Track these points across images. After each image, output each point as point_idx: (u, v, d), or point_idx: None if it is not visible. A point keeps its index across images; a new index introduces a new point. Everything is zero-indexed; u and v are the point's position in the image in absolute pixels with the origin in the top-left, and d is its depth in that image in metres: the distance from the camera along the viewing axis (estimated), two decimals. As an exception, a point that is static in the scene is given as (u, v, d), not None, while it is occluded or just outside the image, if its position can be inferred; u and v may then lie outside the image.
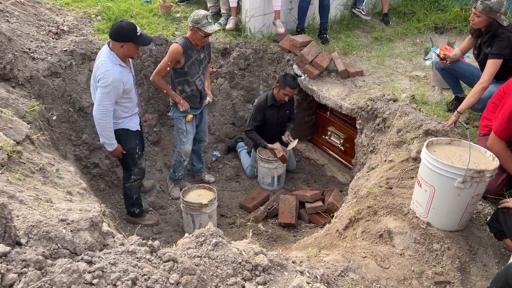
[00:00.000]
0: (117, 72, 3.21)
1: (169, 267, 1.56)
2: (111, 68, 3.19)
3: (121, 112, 3.45)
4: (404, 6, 6.71)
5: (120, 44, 3.20)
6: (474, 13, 3.25)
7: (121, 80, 3.24)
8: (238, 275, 1.72)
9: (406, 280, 2.12)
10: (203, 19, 3.69)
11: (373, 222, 2.56)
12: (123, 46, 3.21)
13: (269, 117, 4.63)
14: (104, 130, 3.35)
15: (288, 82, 4.39)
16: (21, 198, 1.87)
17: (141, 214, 4.05)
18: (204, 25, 3.69)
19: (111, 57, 3.22)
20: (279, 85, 4.43)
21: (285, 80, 4.40)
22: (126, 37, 3.19)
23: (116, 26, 3.21)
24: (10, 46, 3.59)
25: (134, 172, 3.77)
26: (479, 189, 2.31)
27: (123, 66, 3.30)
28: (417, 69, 4.98)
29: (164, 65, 3.85)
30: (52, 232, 1.37)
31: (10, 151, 2.35)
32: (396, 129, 3.57)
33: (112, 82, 3.18)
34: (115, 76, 3.19)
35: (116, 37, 3.20)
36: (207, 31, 3.71)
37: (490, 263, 2.37)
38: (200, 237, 1.83)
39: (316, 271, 1.88)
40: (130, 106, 3.51)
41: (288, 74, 4.57)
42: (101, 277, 1.35)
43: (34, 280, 1.14)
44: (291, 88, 4.42)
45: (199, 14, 3.71)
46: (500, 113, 2.65)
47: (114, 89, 3.22)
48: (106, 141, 3.41)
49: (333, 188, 4.45)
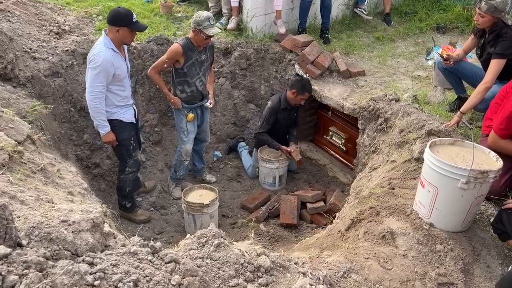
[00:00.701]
0: (108, 55, 3.28)
1: (171, 268, 1.54)
2: (104, 50, 3.27)
3: (114, 100, 3.51)
4: (405, 6, 6.69)
5: (116, 28, 3.28)
6: (478, 13, 3.22)
7: (112, 62, 3.30)
8: (240, 276, 1.71)
9: (409, 282, 2.11)
10: (205, 21, 3.68)
11: (375, 223, 2.54)
12: (118, 30, 3.28)
13: (280, 120, 4.64)
14: (95, 112, 3.41)
15: (306, 88, 4.40)
16: (22, 199, 1.87)
17: (132, 209, 4.06)
18: (206, 27, 3.69)
19: (105, 41, 3.31)
20: (297, 90, 4.41)
21: (303, 85, 4.40)
22: (122, 22, 3.26)
23: (113, 11, 3.31)
24: (11, 46, 3.59)
25: (129, 164, 3.81)
26: (483, 189, 2.29)
27: (116, 52, 3.36)
28: (419, 69, 4.96)
29: (161, 61, 3.90)
30: (53, 233, 1.36)
31: (11, 151, 2.34)
32: (398, 129, 3.55)
33: (102, 63, 3.23)
34: (106, 57, 3.25)
35: (112, 22, 3.28)
36: (208, 33, 3.71)
37: (493, 264, 2.35)
38: (202, 238, 1.82)
39: (319, 273, 1.87)
40: (123, 95, 3.56)
41: (304, 79, 4.53)
42: (102, 279, 1.34)
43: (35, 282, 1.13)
44: (309, 93, 4.45)
45: (202, 16, 3.71)
46: (501, 113, 2.64)
47: (103, 71, 3.27)
48: (98, 123, 3.47)
49: (335, 189, 4.43)
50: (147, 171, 4.70)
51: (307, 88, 4.40)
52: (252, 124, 5.50)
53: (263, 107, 4.91)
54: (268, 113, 4.57)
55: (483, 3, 3.14)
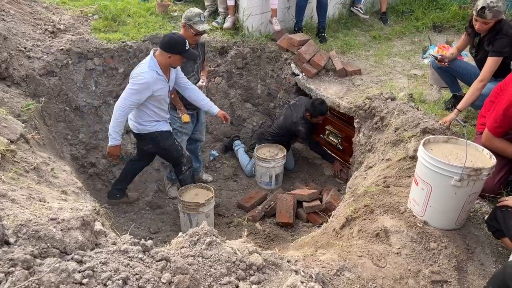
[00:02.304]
0: (150, 77, 3.30)
1: (161, 267, 1.54)
2: (147, 72, 3.29)
3: (152, 115, 3.56)
4: (402, 5, 6.69)
5: (168, 55, 3.31)
6: (482, 22, 3.14)
7: (151, 85, 3.32)
8: (232, 274, 1.70)
9: (403, 279, 2.10)
10: (195, 16, 3.69)
11: (369, 221, 2.54)
12: (170, 57, 3.32)
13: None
14: (115, 122, 3.41)
15: (319, 111, 4.38)
16: (13, 197, 1.85)
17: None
18: (196, 23, 3.69)
19: (150, 63, 3.33)
20: (310, 114, 4.43)
21: (315, 108, 4.38)
22: (176, 50, 3.31)
23: (170, 38, 3.33)
24: (6, 45, 3.57)
25: (184, 163, 3.87)
26: (476, 187, 2.28)
27: (160, 75, 3.38)
28: (415, 67, 4.96)
29: None
30: (41, 231, 1.35)
31: (4, 150, 2.33)
32: (393, 127, 3.55)
33: (141, 84, 3.27)
34: (147, 79, 3.28)
35: (167, 48, 3.29)
36: (198, 29, 3.71)
37: (487, 262, 2.35)
38: (194, 236, 1.82)
39: (311, 270, 1.86)
40: (161, 113, 3.61)
41: (316, 102, 4.42)
42: (91, 277, 1.33)
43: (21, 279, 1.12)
44: (323, 115, 4.47)
45: (193, 12, 3.73)
46: (494, 111, 2.63)
47: (140, 92, 3.31)
48: (111, 134, 3.46)
49: (331, 187, 4.43)
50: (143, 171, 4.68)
51: (319, 111, 4.39)
52: (249, 124, 5.50)
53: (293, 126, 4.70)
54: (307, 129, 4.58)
55: (487, 11, 3.05)
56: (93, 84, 4.29)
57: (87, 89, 4.25)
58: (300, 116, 4.54)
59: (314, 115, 4.41)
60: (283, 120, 4.75)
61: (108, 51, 4.35)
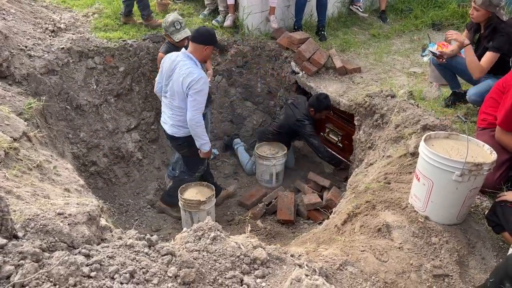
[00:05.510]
0: (204, 74, 3.35)
1: (167, 261, 1.55)
2: (202, 74, 3.33)
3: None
4: (401, 3, 6.71)
5: (204, 47, 3.34)
6: (473, 7, 3.26)
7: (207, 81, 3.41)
8: (237, 268, 1.71)
9: (405, 273, 2.12)
10: (170, 26, 3.73)
11: (371, 217, 2.56)
12: (206, 49, 3.36)
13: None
14: (202, 133, 3.46)
15: (323, 105, 4.34)
16: (18, 194, 1.87)
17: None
18: (172, 33, 3.74)
19: (194, 63, 3.34)
20: (314, 109, 4.41)
21: (319, 103, 4.35)
22: (211, 41, 3.35)
23: (203, 30, 3.42)
24: (7, 44, 3.58)
25: (200, 170, 3.93)
26: (477, 182, 2.30)
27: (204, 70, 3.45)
28: (414, 65, 4.98)
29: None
30: (49, 226, 1.36)
31: (7, 148, 2.33)
32: (394, 124, 3.57)
33: (204, 83, 3.31)
34: (206, 80, 3.35)
35: (203, 41, 3.32)
36: (175, 39, 3.76)
37: (488, 256, 2.37)
38: (199, 231, 1.83)
39: (315, 265, 1.88)
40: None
41: (320, 96, 4.40)
42: (99, 270, 1.35)
43: (31, 272, 1.13)
44: (328, 110, 4.45)
45: (167, 22, 3.76)
46: (504, 106, 2.65)
47: (206, 92, 3.36)
48: (205, 142, 3.51)
49: (332, 185, 4.44)
50: (144, 169, 4.70)
51: (325, 105, 4.35)
52: (249, 122, 5.51)
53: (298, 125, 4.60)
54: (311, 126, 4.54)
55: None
56: (94, 82, 4.30)
57: (88, 88, 4.25)
58: (303, 113, 4.52)
59: (319, 109, 4.38)
60: (284, 119, 4.74)
61: (108, 50, 4.36)
